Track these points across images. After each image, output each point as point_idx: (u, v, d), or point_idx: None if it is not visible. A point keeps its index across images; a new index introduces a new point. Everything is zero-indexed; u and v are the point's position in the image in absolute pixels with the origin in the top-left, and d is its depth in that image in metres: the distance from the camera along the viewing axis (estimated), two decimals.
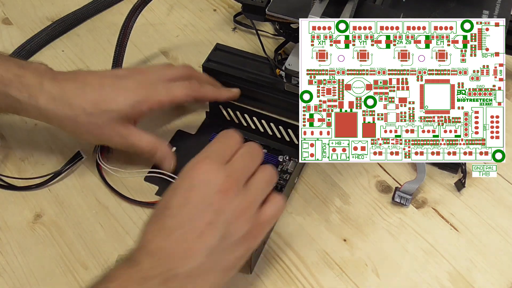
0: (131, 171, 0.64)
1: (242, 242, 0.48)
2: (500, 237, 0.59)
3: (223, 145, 0.51)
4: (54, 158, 0.65)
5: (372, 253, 0.58)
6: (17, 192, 0.63)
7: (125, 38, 0.68)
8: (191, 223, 0.46)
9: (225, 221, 0.46)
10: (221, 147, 0.51)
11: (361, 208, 0.62)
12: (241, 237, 0.47)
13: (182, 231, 0.45)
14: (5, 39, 0.79)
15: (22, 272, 0.57)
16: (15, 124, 0.69)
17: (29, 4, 0.84)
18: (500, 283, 0.56)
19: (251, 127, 0.67)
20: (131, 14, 0.68)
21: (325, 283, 0.56)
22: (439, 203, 0.62)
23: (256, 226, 0.49)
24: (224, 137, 0.52)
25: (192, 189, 0.47)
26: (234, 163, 0.49)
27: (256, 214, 0.49)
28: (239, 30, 0.81)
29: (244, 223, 0.47)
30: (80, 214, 0.61)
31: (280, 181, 0.62)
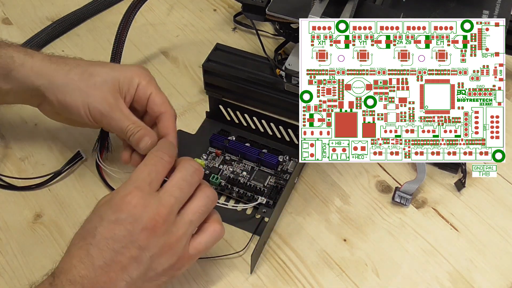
0: (131, 171, 0.64)
1: (166, 273, 0.48)
2: (500, 237, 0.59)
3: (153, 172, 0.49)
4: (54, 158, 0.65)
5: (372, 253, 0.58)
6: (17, 192, 0.63)
7: (123, 35, 0.68)
8: (116, 256, 0.45)
9: (149, 257, 0.46)
10: (151, 173, 0.49)
11: (361, 208, 0.62)
12: (166, 269, 0.47)
13: (106, 262, 0.45)
14: (5, 39, 0.79)
15: (22, 272, 0.57)
16: (15, 124, 0.69)
17: (29, 4, 0.84)
18: (500, 283, 0.56)
19: (251, 127, 0.67)
20: (130, 11, 0.68)
21: (325, 283, 0.56)
22: (439, 203, 0.62)
23: (183, 259, 0.48)
24: (152, 160, 0.50)
25: (119, 222, 0.46)
26: (165, 194, 0.48)
27: (184, 247, 0.48)
28: (239, 30, 0.81)
29: (169, 257, 0.47)
30: (80, 214, 0.61)
31: (280, 181, 0.62)
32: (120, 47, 0.68)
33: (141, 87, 0.58)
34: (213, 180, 0.61)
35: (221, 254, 0.58)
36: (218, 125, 0.68)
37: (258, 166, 0.64)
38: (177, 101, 0.72)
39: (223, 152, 0.65)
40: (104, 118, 0.56)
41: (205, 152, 0.66)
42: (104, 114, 0.56)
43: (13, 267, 0.57)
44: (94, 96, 0.56)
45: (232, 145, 0.65)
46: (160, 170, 0.49)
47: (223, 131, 0.67)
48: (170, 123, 0.57)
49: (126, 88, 0.57)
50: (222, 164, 0.64)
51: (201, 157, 0.65)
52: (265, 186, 0.62)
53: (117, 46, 0.67)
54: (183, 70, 0.76)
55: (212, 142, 0.66)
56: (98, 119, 0.56)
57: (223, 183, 0.62)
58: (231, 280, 0.56)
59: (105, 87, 0.56)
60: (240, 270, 0.57)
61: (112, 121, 0.56)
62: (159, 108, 0.58)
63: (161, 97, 0.58)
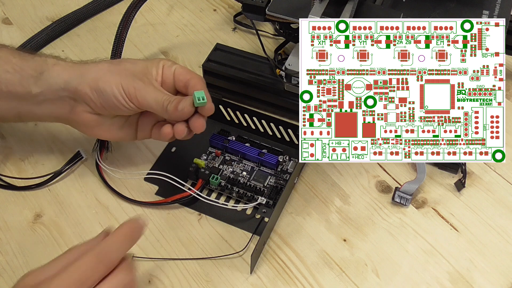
0: (131, 172, 0.64)
1: None
2: (500, 237, 0.59)
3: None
4: (54, 158, 0.65)
5: (372, 253, 0.58)
6: (17, 192, 0.63)
7: (123, 35, 0.68)
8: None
9: None
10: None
11: (361, 208, 0.62)
12: None
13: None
14: (5, 39, 0.79)
15: (22, 272, 0.56)
16: (15, 124, 0.69)
17: (29, 4, 0.85)
18: (500, 283, 0.56)
19: (251, 127, 0.67)
20: (130, 11, 0.68)
21: (325, 283, 0.56)
22: (439, 203, 0.62)
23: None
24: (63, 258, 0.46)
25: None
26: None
27: None
28: (239, 30, 0.81)
29: None
30: (80, 214, 0.61)
31: (280, 181, 0.62)
32: (120, 47, 0.68)
33: (166, 67, 0.58)
34: (213, 180, 0.61)
35: (221, 254, 0.58)
36: (218, 125, 0.68)
37: (258, 166, 0.64)
38: None
39: (223, 152, 0.65)
40: (138, 92, 0.56)
41: (205, 152, 0.66)
42: (138, 89, 0.56)
43: (13, 267, 0.57)
44: (125, 75, 0.56)
45: (232, 145, 0.65)
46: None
47: (223, 131, 0.67)
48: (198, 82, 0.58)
49: (155, 72, 0.58)
50: (222, 164, 0.64)
51: (201, 157, 0.65)
52: (265, 186, 0.62)
53: (117, 46, 0.67)
54: None
55: (212, 142, 0.66)
56: (133, 95, 0.55)
57: (223, 183, 0.62)
58: (231, 280, 0.56)
59: (135, 69, 0.57)
60: (240, 270, 0.57)
61: (147, 94, 0.56)
62: (185, 76, 0.58)
63: (185, 68, 0.59)
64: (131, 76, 0.56)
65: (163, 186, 0.62)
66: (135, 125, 0.60)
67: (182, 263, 0.57)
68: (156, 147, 0.67)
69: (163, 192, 0.63)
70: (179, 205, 0.61)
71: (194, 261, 0.57)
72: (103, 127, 0.59)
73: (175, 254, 0.58)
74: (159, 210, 0.61)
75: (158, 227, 0.60)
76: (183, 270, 0.57)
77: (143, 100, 0.56)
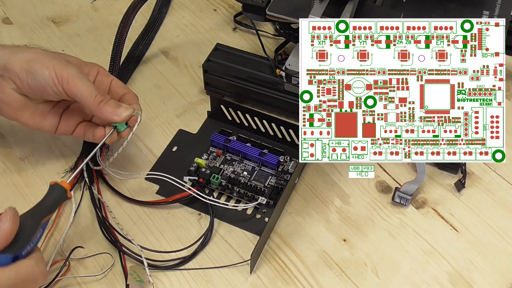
0: (131, 173, 0.64)
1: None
2: (499, 238, 0.59)
3: None
4: (54, 158, 0.65)
5: (372, 253, 0.58)
6: (17, 192, 0.63)
7: (123, 35, 0.68)
8: None
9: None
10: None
11: (361, 208, 0.62)
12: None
13: None
14: (5, 39, 0.79)
15: None
16: (15, 124, 0.68)
17: (29, 4, 0.85)
18: (500, 283, 0.56)
19: (252, 127, 0.67)
20: (130, 11, 0.68)
21: (325, 283, 0.56)
22: (439, 203, 0.62)
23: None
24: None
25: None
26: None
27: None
28: (239, 30, 0.81)
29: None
30: (80, 213, 0.61)
31: (281, 182, 0.62)
32: (120, 47, 0.68)
33: (102, 74, 0.60)
34: (214, 180, 0.61)
35: (221, 255, 0.58)
36: (219, 125, 0.68)
37: (259, 166, 0.64)
38: (177, 101, 0.72)
39: (224, 152, 0.65)
40: (71, 77, 0.55)
41: (206, 151, 0.66)
42: (71, 74, 0.55)
43: None
44: (61, 61, 0.56)
45: (233, 145, 0.65)
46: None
47: (224, 131, 0.68)
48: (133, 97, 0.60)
49: (87, 70, 0.59)
50: (223, 164, 0.64)
51: (202, 157, 0.65)
52: (266, 186, 0.62)
53: (117, 46, 0.67)
54: (183, 70, 0.76)
55: (213, 142, 0.66)
56: (65, 81, 0.55)
57: (223, 182, 0.62)
58: (231, 280, 0.56)
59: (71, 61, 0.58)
60: (240, 270, 0.57)
61: (80, 81, 0.55)
62: (122, 89, 0.60)
63: (122, 83, 0.61)
64: (66, 62, 0.56)
65: (164, 185, 0.63)
66: (58, 116, 0.60)
67: (182, 263, 0.57)
68: (157, 147, 0.67)
69: (163, 192, 0.63)
70: (179, 204, 0.61)
71: (194, 261, 0.57)
72: (27, 111, 0.58)
73: (174, 254, 0.58)
74: (159, 210, 0.61)
75: (158, 226, 0.60)
76: (183, 270, 0.57)
77: (74, 86, 0.55)
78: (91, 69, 0.60)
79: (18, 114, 0.58)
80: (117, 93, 0.60)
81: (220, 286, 0.56)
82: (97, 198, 0.61)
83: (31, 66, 0.55)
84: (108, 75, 0.61)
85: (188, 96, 0.73)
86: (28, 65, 0.55)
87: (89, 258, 0.57)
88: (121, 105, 0.56)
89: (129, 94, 0.60)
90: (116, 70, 0.69)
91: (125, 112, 0.56)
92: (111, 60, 0.68)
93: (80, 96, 0.55)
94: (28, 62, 0.55)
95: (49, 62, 0.55)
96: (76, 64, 0.58)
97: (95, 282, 0.55)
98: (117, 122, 0.56)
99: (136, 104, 0.59)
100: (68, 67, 0.55)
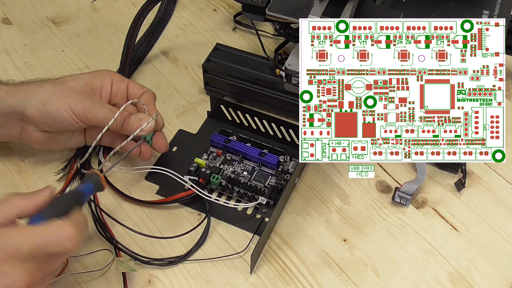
0: (132, 167, 0.64)
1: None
2: (499, 237, 0.59)
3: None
4: (54, 158, 0.65)
5: (372, 253, 0.58)
6: (16, 191, 0.63)
7: (132, 39, 0.69)
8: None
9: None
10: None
11: (361, 208, 0.62)
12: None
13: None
14: (5, 39, 0.79)
15: None
16: None
17: (29, 4, 0.85)
18: (500, 283, 0.56)
19: (252, 127, 0.67)
20: (139, 15, 0.68)
21: (325, 283, 0.56)
22: (439, 203, 0.62)
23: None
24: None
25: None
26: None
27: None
28: (239, 30, 0.81)
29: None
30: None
31: (281, 182, 0.63)
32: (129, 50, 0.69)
33: (116, 81, 0.61)
34: (214, 180, 0.61)
35: (221, 255, 0.58)
36: (219, 125, 0.68)
37: (259, 166, 0.64)
38: (177, 101, 0.72)
39: (224, 152, 0.65)
40: (88, 111, 0.57)
41: (206, 151, 0.66)
42: (87, 108, 0.57)
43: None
44: (72, 96, 0.58)
45: (233, 145, 0.65)
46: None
47: (224, 131, 0.68)
48: (150, 96, 0.62)
49: (100, 85, 0.60)
50: (223, 164, 0.64)
51: (202, 157, 0.65)
52: (266, 186, 0.62)
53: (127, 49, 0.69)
54: (183, 70, 0.76)
55: (213, 142, 0.66)
56: (83, 115, 0.57)
57: (223, 182, 0.62)
58: (231, 280, 0.56)
59: (79, 87, 0.59)
60: (240, 270, 0.57)
61: (97, 112, 0.58)
62: (140, 90, 0.62)
63: (138, 84, 0.62)
64: (78, 95, 0.58)
65: (164, 185, 0.63)
66: (83, 133, 0.63)
67: (182, 262, 0.57)
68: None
69: (163, 192, 0.63)
70: (179, 204, 0.61)
71: (194, 261, 0.57)
72: (54, 141, 0.61)
73: (174, 254, 0.58)
74: (159, 210, 0.61)
75: (158, 226, 0.60)
76: (183, 270, 0.57)
77: (93, 118, 0.58)
78: (104, 78, 0.61)
79: (47, 146, 0.62)
80: (136, 94, 0.61)
81: (220, 286, 0.56)
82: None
83: (47, 109, 0.57)
84: (123, 80, 0.62)
85: (188, 96, 0.73)
86: (45, 109, 0.57)
87: (87, 256, 0.57)
88: (143, 119, 0.58)
89: (147, 93, 0.62)
90: (126, 72, 0.71)
91: (148, 125, 0.58)
92: (121, 64, 0.70)
93: (102, 123, 0.58)
94: (43, 105, 0.57)
95: (63, 101, 0.57)
96: (85, 87, 0.59)
97: (93, 280, 0.55)
98: (144, 135, 0.59)
99: (152, 105, 0.61)
100: (82, 101, 0.57)
